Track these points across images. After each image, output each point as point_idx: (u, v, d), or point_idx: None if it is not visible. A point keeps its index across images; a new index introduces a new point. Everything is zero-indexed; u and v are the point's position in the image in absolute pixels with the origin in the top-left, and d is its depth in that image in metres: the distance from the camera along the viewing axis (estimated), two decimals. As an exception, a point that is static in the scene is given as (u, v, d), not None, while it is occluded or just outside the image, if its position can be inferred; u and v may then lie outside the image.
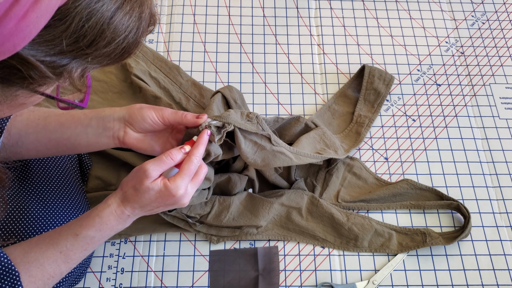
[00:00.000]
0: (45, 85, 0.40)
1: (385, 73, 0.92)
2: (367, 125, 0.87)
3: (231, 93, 0.80)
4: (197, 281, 0.74)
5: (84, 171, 0.79)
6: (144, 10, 0.43)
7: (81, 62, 0.40)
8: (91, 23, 0.38)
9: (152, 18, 0.45)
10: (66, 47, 0.38)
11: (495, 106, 0.94)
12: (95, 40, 0.39)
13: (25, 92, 0.40)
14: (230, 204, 0.75)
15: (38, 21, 0.35)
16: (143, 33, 0.44)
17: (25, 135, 0.64)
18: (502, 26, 1.04)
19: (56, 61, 0.38)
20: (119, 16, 0.40)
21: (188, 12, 1.02)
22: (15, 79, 0.38)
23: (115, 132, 0.65)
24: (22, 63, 0.36)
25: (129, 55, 0.44)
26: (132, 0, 0.41)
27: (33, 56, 0.36)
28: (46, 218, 0.66)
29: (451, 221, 0.80)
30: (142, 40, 0.45)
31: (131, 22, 0.41)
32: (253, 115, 0.67)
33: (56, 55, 0.38)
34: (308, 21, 1.03)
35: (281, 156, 0.70)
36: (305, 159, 0.73)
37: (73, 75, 0.41)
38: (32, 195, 0.68)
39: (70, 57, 0.39)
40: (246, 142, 0.67)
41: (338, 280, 0.75)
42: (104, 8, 0.38)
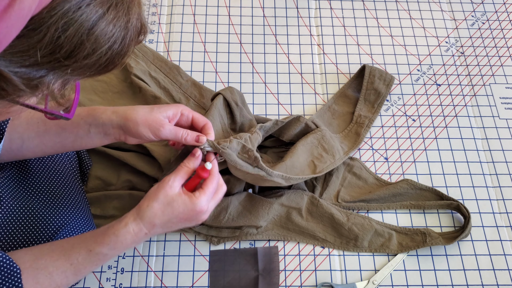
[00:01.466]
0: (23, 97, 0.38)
1: (386, 73, 0.92)
2: (366, 126, 0.87)
3: (232, 95, 0.80)
4: (197, 281, 0.74)
5: (84, 171, 0.79)
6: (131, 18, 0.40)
7: (60, 74, 0.37)
8: (69, 33, 0.35)
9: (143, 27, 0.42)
10: (41, 59, 0.35)
11: (495, 106, 0.94)
12: (74, 52, 0.36)
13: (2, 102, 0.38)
14: (228, 205, 0.75)
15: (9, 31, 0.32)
16: (130, 43, 0.41)
17: (28, 139, 0.63)
18: (502, 26, 1.04)
19: (31, 73, 0.36)
20: (101, 25, 0.37)
21: (188, 12, 1.02)
22: None
23: (117, 137, 0.65)
24: None
25: (115, 66, 0.42)
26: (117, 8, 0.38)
27: (5, 67, 0.34)
28: (46, 218, 0.66)
29: (451, 221, 0.80)
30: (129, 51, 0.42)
31: (115, 32, 0.38)
32: (253, 155, 0.66)
33: (30, 67, 0.35)
34: (308, 21, 1.03)
35: (271, 182, 0.71)
36: (295, 181, 0.74)
37: (52, 87, 0.38)
38: (32, 195, 0.68)
39: (47, 68, 0.36)
40: (237, 171, 0.68)
41: (338, 280, 0.75)
42: (84, 17, 0.35)
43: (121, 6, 0.38)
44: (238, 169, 0.67)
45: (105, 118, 0.63)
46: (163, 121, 0.62)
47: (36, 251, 0.56)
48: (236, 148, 0.66)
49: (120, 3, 0.38)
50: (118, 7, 0.38)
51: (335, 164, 0.80)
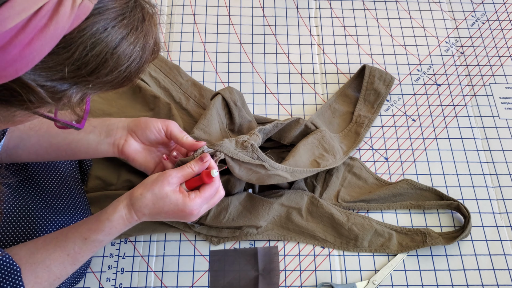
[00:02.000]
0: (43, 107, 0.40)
1: (386, 74, 0.92)
2: (366, 125, 0.87)
3: (231, 95, 0.80)
4: (197, 281, 0.74)
5: (84, 171, 0.79)
6: (148, 40, 0.43)
7: (81, 88, 0.40)
8: (95, 52, 0.38)
9: (156, 46, 0.46)
10: (67, 74, 0.38)
11: (495, 106, 0.94)
12: (97, 69, 0.39)
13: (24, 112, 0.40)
14: (229, 205, 0.75)
15: (42, 48, 0.35)
16: (145, 62, 0.44)
17: (26, 137, 0.64)
18: (502, 26, 1.04)
19: (56, 87, 0.38)
20: (124, 46, 0.40)
21: (188, 12, 1.02)
22: (14, 101, 0.38)
23: (117, 139, 0.66)
24: (22, 87, 0.36)
25: (130, 82, 0.45)
26: (138, 31, 0.41)
27: (33, 80, 0.36)
28: (46, 218, 0.66)
29: (451, 221, 0.80)
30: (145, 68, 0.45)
31: (134, 52, 0.41)
32: (248, 144, 0.68)
33: (57, 81, 0.38)
34: (308, 21, 1.03)
35: (277, 176, 0.71)
36: (300, 175, 0.74)
37: (72, 100, 0.41)
38: (32, 195, 0.68)
39: (71, 83, 0.39)
40: (241, 168, 0.68)
41: (338, 280, 0.75)
42: (109, 38, 0.38)
43: (141, 29, 0.42)
44: (242, 168, 0.67)
45: (114, 119, 0.66)
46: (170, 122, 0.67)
47: (30, 246, 0.57)
48: (230, 145, 0.66)
49: (140, 26, 0.42)
50: (139, 30, 0.41)
51: (336, 163, 0.80)
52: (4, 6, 0.32)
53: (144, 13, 0.43)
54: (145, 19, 0.42)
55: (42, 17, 0.34)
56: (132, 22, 0.41)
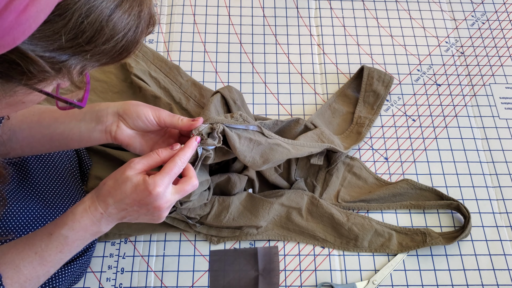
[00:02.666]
0: (44, 82, 0.40)
1: (384, 74, 0.92)
2: (367, 125, 0.87)
3: (230, 94, 0.80)
4: (197, 281, 0.74)
5: (84, 171, 0.79)
6: (143, 9, 0.43)
7: (80, 58, 0.40)
8: (90, 19, 0.38)
9: (152, 18, 0.45)
10: (65, 43, 0.38)
11: (495, 106, 0.94)
12: (94, 37, 0.39)
13: (24, 88, 0.40)
14: (230, 204, 0.75)
15: (38, 15, 0.35)
16: (142, 32, 0.44)
17: (19, 130, 0.63)
18: (502, 26, 1.04)
19: (55, 57, 0.38)
20: (118, 13, 0.40)
21: (188, 12, 1.02)
22: (14, 74, 0.38)
23: (108, 126, 0.63)
24: (21, 57, 0.36)
25: (128, 54, 0.44)
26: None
27: (32, 51, 0.36)
28: (45, 216, 0.67)
29: (451, 221, 0.80)
30: (141, 40, 0.45)
31: (130, 20, 0.41)
32: (237, 115, 0.67)
33: (55, 51, 0.38)
34: (308, 21, 1.03)
35: (279, 148, 0.69)
36: (303, 149, 0.72)
37: (72, 71, 0.41)
38: (31, 193, 0.68)
39: (69, 53, 0.39)
40: (241, 141, 0.66)
41: (338, 280, 0.75)
42: (104, 5, 0.38)
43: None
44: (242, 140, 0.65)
45: (103, 105, 0.64)
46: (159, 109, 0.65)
47: (3, 247, 0.55)
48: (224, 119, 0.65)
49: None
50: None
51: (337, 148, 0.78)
52: None
53: None
54: None
55: None
56: None
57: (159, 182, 0.56)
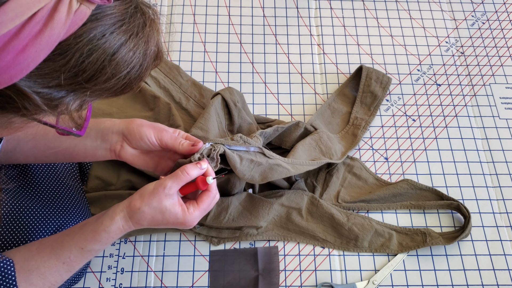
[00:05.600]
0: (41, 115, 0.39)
1: (383, 75, 0.92)
2: (363, 128, 0.87)
3: (231, 96, 0.80)
4: (197, 281, 0.74)
5: (84, 171, 0.79)
6: (149, 46, 0.42)
7: (79, 95, 0.39)
8: (92, 59, 0.37)
9: (159, 53, 0.44)
10: (64, 81, 0.37)
11: (495, 106, 0.94)
12: (95, 76, 0.38)
13: (21, 119, 0.39)
14: (229, 205, 0.75)
15: (37, 55, 0.34)
16: (147, 68, 0.43)
17: (23, 141, 0.63)
18: (502, 26, 1.04)
19: (53, 94, 0.37)
20: (122, 52, 0.39)
21: (188, 12, 1.02)
22: (9, 108, 0.37)
23: (113, 145, 0.64)
24: (17, 94, 0.36)
25: (131, 89, 0.43)
26: (138, 37, 0.40)
27: (29, 87, 0.36)
28: (45, 217, 0.66)
29: (451, 221, 0.80)
30: (146, 75, 0.44)
31: (134, 59, 0.40)
32: (237, 137, 0.67)
33: (53, 88, 0.37)
34: (308, 21, 1.03)
35: (279, 168, 0.70)
36: (302, 167, 0.73)
37: (70, 107, 0.40)
38: (31, 194, 0.68)
39: (68, 90, 0.38)
40: (243, 162, 0.66)
41: (338, 280, 0.75)
42: (107, 45, 0.37)
43: (142, 34, 0.40)
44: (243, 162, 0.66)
45: (108, 122, 0.64)
46: (166, 128, 0.65)
47: (24, 253, 0.56)
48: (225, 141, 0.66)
49: (141, 32, 0.40)
50: (139, 35, 0.40)
51: (334, 161, 0.79)
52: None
53: (145, 18, 0.41)
54: (146, 25, 0.41)
55: (37, 23, 0.33)
56: (132, 28, 0.39)
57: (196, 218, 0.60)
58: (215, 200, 0.63)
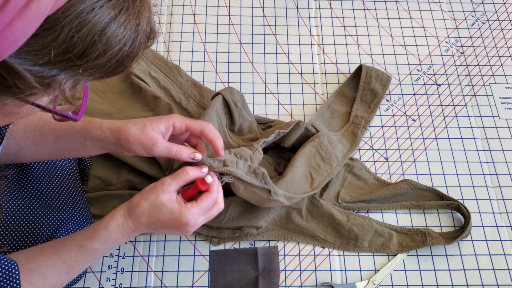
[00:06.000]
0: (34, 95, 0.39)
1: (382, 74, 0.92)
2: (363, 126, 0.87)
3: (231, 96, 0.80)
4: (197, 281, 0.74)
5: (84, 170, 0.79)
6: (141, 22, 0.41)
7: (71, 73, 0.38)
8: (82, 34, 0.36)
9: (152, 31, 0.43)
10: (54, 58, 0.36)
11: (495, 106, 0.94)
12: (86, 52, 0.37)
13: (14, 101, 0.38)
14: (229, 205, 0.74)
15: (25, 29, 0.33)
16: (140, 46, 0.42)
17: (24, 146, 0.63)
18: (502, 26, 1.04)
19: (44, 72, 0.36)
20: (113, 27, 0.38)
21: (188, 12, 1.02)
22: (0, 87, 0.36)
23: (113, 150, 0.64)
24: (7, 71, 0.35)
25: (124, 68, 0.42)
26: (128, 11, 0.39)
27: (19, 64, 0.35)
28: (46, 216, 0.67)
29: (451, 221, 0.80)
30: (139, 54, 0.43)
31: (126, 34, 0.39)
32: (260, 172, 0.66)
33: (44, 65, 0.36)
34: (308, 21, 1.03)
35: (275, 202, 0.70)
36: (296, 199, 0.73)
37: (63, 86, 0.39)
38: (31, 193, 0.68)
39: (59, 68, 0.37)
40: (245, 191, 0.66)
41: (338, 280, 0.75)
42: (97, 18, 0.36)
43: (132, 9, 0.39)
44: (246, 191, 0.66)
45: (100, 134, 0.62)
46: (155, 139, 0.60)
47: (27, 253, 0.56)
48: (243, 169, 0.65)
49: (131, 6, 0.39)
50: (129, 10, 0.39)
51: (331, 175, 0.79)
52: None
53: None
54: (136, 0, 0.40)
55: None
56: (122, 2, 0.38)
57: (193, 215, 0.58)
58: (219, 208, 0.62)
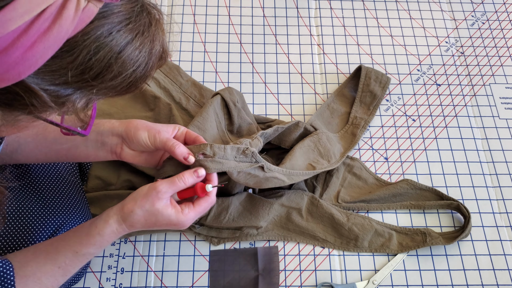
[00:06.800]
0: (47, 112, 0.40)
1: (382, 75, 0.92)
2: (362, 127, 0.87)
3: (230, 96, 0.80)
4: (197, 281, 0.74)
5: (84, 170, 0.79)
6: (155, 46, 0.42)
7: (86, 93, 0.40)
8: (99, 56, 0.38)
9: (164, 53, 0.45)
10: (71, 78, 0.37)
11: (495, 106, 0.94)
12: (102, 73, 0.39)
13: (27, 117, 0.40)
14: (229, 205, 0.75)
15: (45, 52, 0.34)
16: (152, 67, 0.43)
17: (24, 143, 0.63)
18: (502, 26, 1.04)
19: (60, 91, 0.38)
20: (128, 51, 0.39)
21: (188, 12, 1.02)
22: (17, 105, 0.37)
23: (113, 147, 0.65)
24: (25, 90, 0.36)
25: (136, 88, 0.44)
26: (144, 35, 0.40)
27: (37, 84, 0.36)
28: (46, 216, 0.67)
29: (451, 221, 0.80)
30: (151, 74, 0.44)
31: (140, 57, 0.41)
32: (249, 152, 0.66)
33: (60, 85, 0.37)
34: (308, 21, 1.03)
35: (274, 179, 0.70)
36: (297, 177, 0.73)
37: (76, 105, 0.40)
38: (31, 193, 0.68)
39: (75, 87, 0.38)
40: (240, 173, 0.66)
41: (338, 280, 0.75)
42: (114, 42, 0.38)
43: (147, 33, 0.41)
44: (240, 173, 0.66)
45: (108, 124, 0.64)
46: (161, 128, 0.63)
47: (20, 258, 0.56)
48: (231, 153, 0.64)
49: (146, 31, 0.41)
50: (145, 34, 0.41)
51: (330, 167, 0.79)
52: (7, 8, 0.32)
53: (151, 18, 0.42)
54: (151, 24, 0.42)
55: (45, 20, 0.34)
56: (138, 26, 0.40)
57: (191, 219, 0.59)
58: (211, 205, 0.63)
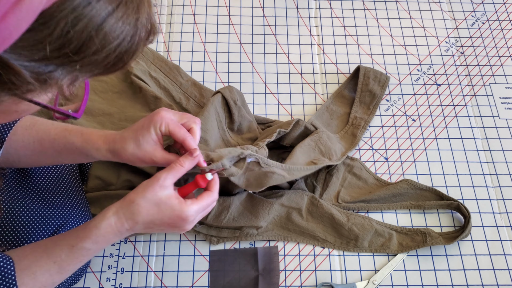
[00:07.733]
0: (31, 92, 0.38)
1: (380, 74, 0.92)
2: (362, 127, 0.87)
3: (231, 94, 0.80)
4: (197, 281, 0.74)
5: (84, 170, 0.79)
6: (140, 16, 0.39)
7: (68, 69, 0.37)
8: (78, 28, 0.35)
9: (152, 27, 0.42)
10: (50, 53, 0.35)
11: (495, 106, 0.94)
12: (83, 47, 0.36)
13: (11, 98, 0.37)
14: (230, 205, 0.75)
15: (19, 24, 0.32)
16: (139, 42, 0.41)
17: (24, 156, 0.62)
18: (502, 26, 1.04)
19: (40, 67, 0.35)
20: (111, 21, 0.36)
21: (188, 12, 1.02)
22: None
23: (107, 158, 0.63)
24: (1, 66, 0.34)
25: (124, 64, 0.41)
26: (127, 6, 0.38)
27: (14, 60, 0.34)
28: (46, 217, 0.67)
29: (451, 221, 0.80)
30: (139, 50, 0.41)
31: (124, 29, 0.38)
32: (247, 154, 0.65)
33: (39, 61, 0.35)
34: (308, 21, 1.03)
35: (273, 175, 0.69)
36: (298, 173, 0.73)
37: (60, 83, 0.38)
38: (31, 193, 0.68)
39: (56, 63, 0.36)
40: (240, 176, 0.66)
41: (338, 280, 0.75)
42: (93, 13, 0.35)
43: (131, 4, 0.38)
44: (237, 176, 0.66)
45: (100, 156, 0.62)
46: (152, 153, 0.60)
47: (19, 252, 0.55)
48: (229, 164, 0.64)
49: (129, 1, 0.38)
50: (128, 4, 0.38)
51: (332, 162, 0.79)
52: None
53: None
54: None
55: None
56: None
57: (194, 212, 0.57)
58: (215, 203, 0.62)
